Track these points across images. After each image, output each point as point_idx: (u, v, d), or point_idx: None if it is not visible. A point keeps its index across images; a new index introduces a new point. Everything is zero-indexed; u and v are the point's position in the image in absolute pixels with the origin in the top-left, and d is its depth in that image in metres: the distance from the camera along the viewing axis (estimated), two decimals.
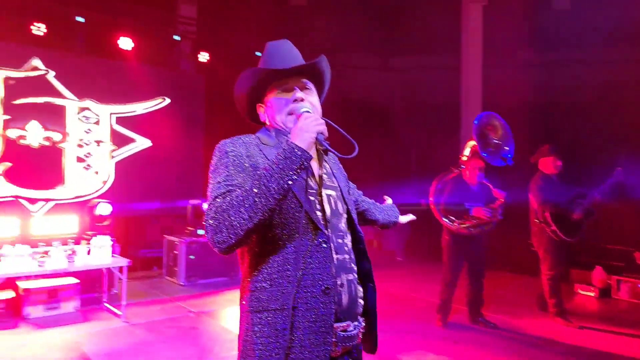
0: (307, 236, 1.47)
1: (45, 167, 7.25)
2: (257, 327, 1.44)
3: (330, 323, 1.43)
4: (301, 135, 1.42)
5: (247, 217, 1.35)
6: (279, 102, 1.61)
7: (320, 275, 1.45)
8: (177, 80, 8.47)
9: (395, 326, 4.99)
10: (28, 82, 7.12)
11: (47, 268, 4.65)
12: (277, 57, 1.63)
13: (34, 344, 4.39)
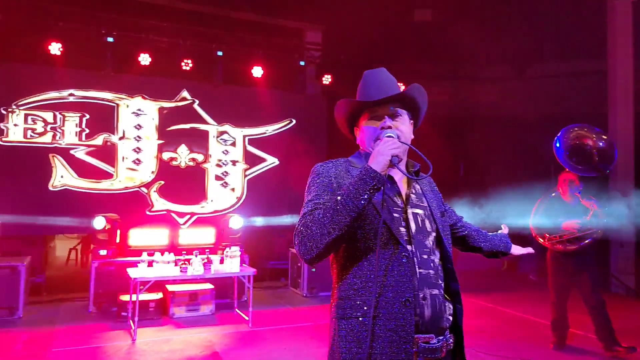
0: (388, 250, 1.56)
1: (191, 185, 8.26)
2: (342, 332, 1.55)
3: (411, 333, 1.49)
4: (377, 158, 1.54)
5: (325, 232, 1.50)
6: (368, 129, 1.74)
7: (400, 288, 1.53)
8: (302, 102, 9.05)
9: (515, 352, 4.73)
10: (178, 111, 8.23)
11: (187, 274, 5.30)
12: (372, 86, 1.76)
13: (176, 339, 5.05)
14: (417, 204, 1.71)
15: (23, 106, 7.23)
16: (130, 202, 7.77)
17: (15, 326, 5.44)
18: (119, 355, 4.53)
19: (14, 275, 5.71)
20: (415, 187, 1.77)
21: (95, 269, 6.10)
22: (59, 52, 7.11)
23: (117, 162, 7.79)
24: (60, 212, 7.33)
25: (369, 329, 1.49)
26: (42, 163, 7.32)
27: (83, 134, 7.58)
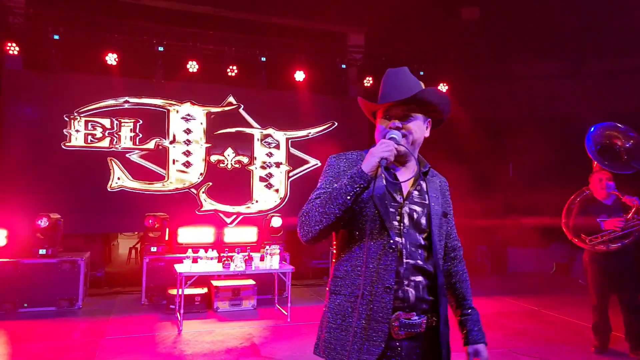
0: (379, 240, 1.72)
1: (237, 186, 8.59)
2: (331, 305, 1.77)
3: (388, 315, 1.66)
4: (368, 159, 1.68)
5: (318, 220, 1.70)
6: (379, 127, 1.87)
7: (384, 275, 1.69)
8: (343, 105, 9.17)
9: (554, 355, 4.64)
10: (224, 116, 8.59)
11: (230, 270, 5.57)
12: (390, 86, 1.86)
13: (218, 331, 5.32)
14: (417, 201, 1.82)
15: (83, 113, 7.82)
16: (181, 202, 8.20)
17: (74, 316, 5.92)
18: (165, 344, 4.85)
19: (74, 269, 6.20)
20: (421, 185, 1.86)
21: (146, 264, 6.51)
22: (114, 62, 7.62)
23: (168, 164, 8.25)
24: (117, 211, 7.86)
25: (354, 306, 1.68)
26: (101, 166, 7.87)
27: (137, 138, 8.08)
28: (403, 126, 1.79)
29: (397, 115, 1.81)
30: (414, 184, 1.84)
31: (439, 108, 1.87)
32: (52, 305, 6.10)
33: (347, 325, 1.69)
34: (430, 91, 1.82)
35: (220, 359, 4.47)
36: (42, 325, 5.47)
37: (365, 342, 1.65)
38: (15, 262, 6.00)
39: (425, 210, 1.82)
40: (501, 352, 4.80)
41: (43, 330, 5.30)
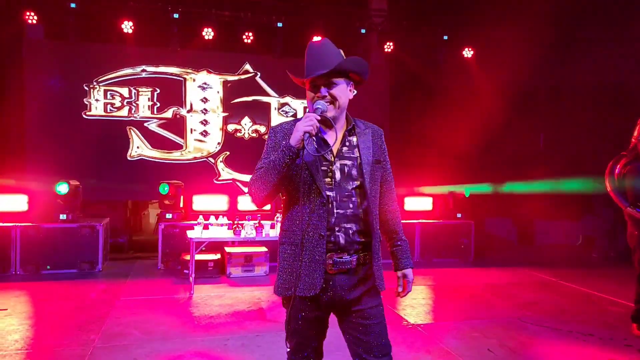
0: (312, 197, 2.01)
1: (254, 155, 8.57)
2: (282, 254, 2.10)
3: (323, 256, 1.99)
4: (294, 134, 1.94)
5: (262, 188, 2.01)
6: (308, 95, 2.12)
7: (318, 225, 2.00)
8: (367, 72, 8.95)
9: (565, 324, 4.53)
10: (241, 84, 8.54)
11: (241, 236, 5.62)
12: (314, 59, 2.06)
13: (228, 296, 5.42)
14: (347, 156, 2.09)
15: (102, 82, 7.92)
16: (199, 171, 8.29)
17: (94, 278, 6.14)
18: (174, 306, 4.97)
19: (93, 234, 6.39)
20: (351, 141, 2.12)
21: (161, 231, 6.64)
22: (130, 30, 7.64)
23: (186, 133, 8.31)
24: (136, 180, 8.01)
25: (297, 252, 2.01)
26: (121, 135, 8.00)
27: (155, 107, 8.15)
28: (329, 93, 2.03)
29: (322, 84, 2.04)
30: (342, 141, 2.09)
31: (357, 72, 2.11)
32: (74, 268, 6.33)
33: (292, 268, 2.02)
34: (347, 61, 2.06)
35: (225, 321, 4.55)
36: (63, 286, 5.69)
37: (307, 278, 1.99)
38: (37, 227, 6.22)
39: (355, 162, 2.08)
40: (508, 320, 4.73)
41: (63, 290, 5.52)
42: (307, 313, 2.04)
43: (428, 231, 7.55)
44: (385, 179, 2.20)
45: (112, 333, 4.18)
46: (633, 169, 4.18)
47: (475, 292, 5.83)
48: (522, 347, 4.04)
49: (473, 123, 8.06)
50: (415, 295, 5.66)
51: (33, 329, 4.30)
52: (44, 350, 3.81)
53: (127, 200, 8.90)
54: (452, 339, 4.18)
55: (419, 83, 8.97)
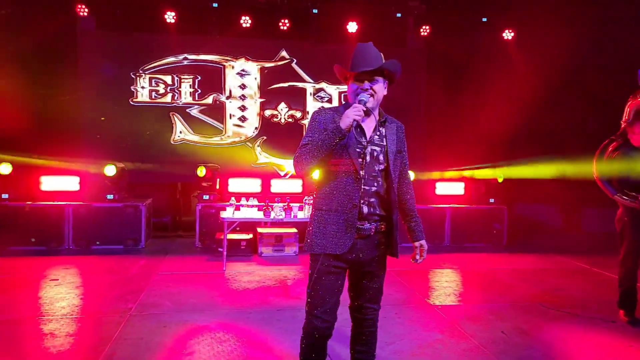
0: (348, 173, 2.41)
1: (290, 140, 8.81)
2: (317, 218, 2.47)
3: (355, 221, 2.40)
4: (344, 120, 2.31)
5: (310, 161, 2.36)
6: (352, 86, 2.48)
7: (352, 196, 2.40)
8: (398, 56, 8.83)
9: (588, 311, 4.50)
10: (277, 70, 8.76)
11: (270, 217, 5.88)
12: (361, 57, 2.45)
13: (257, 273, 5.72)
14: (377, 143, 2.50)
15: (147, 70, 8.35)
16: (238, 155, 8.62)
17: (137, 254, 6.62)
18: (206, 281, 5.32)
19: (136, 213, 6.87)
20: (380, 131, 2.52)
21: (199, 211, 7.04)
22: (173, 20, 8.00)
23: (225, 119, 8.65)
24: (179, 163, 8.42)
25: (331, 216, 2.41)
26: (165, 120, 8.44)
27: (196, 94, 8.52)
28: (371, 87, 2.42)
29: (366, 79, 2.42)
30: (374, 130, 2.50)
31: (393, 73, 2.51)
32: (120, 244, 6.84)
33: (326, 230, 2.41)
34: (388, 63, 2.47)
35: (251, 296, 4.84)
36: (109, 261, 6.19)
37: (339, 239, 2.38)
38: (87, 205, 6.76)
39: (383, 149, 2.50)
40: (530, 305, 4.75)
41: (108, 264, 6.01)
42: (332, 269, 2.41)
43: (459, 216, 7.55)
44: (404, 166, 2.62)
45: (147, 303, 4.55)
46: (621, 154, 4.10)
47: (501, 277, 5.84)
48: (537, 330, 4.07)
49: (513, 107, 7.89)
50: (439, 278, 5.74)
51: (79, 298, 4.75)
52: (86, 316, 4.23)
53: (177, 183, 9.31)
54: (467, 321, 4.26)
55: (456, 67, 8.84)
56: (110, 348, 3.52)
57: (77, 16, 7.83)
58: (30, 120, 7.19)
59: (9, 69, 6.97)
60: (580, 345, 3.81)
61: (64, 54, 8.00)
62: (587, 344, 3.83)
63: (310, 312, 2.45)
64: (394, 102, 8.45)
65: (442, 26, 8.78)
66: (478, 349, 3.67)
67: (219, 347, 3.57)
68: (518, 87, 8.12)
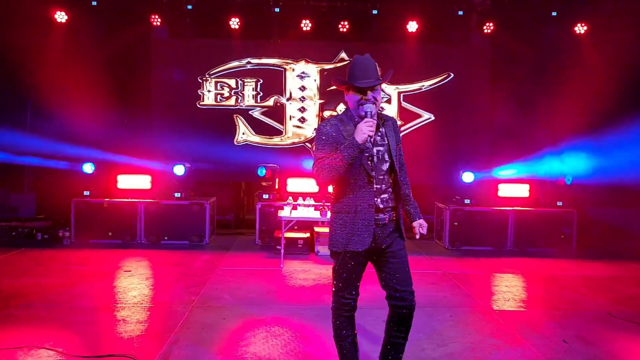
0: (360, 176, 2.64)
1: None
2: (336, 220, 2.71)
3: (372, 219, 2.64)
4: (359, 135, 2.50)
5: (333, 175, 2.58)
6: (354, 98, 2.66)
7: (366, 197, 2.64)
8: (461, 54, 8.77)
9: None
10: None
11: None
12: (361, 70, 2.65)
13: (312, 271, 5.86)
14: (380, 143, 2.71)
15: (213, 75, 8.76)
16: (297, 155, 8.83)
17: (201, 249, 6.99)
18: (264, 277, 5.54)
19: (201, 210, 7.25)
20: (381, 131, 2.73)
21: (259, 209, 7.30)
22: (237, 26, 8.34)
23: (286, 120, 8.89)
24: (242, 163, 8.76)
25: (347, 218, 2.65)
26: (228, 122, 8.82)
27: (258, 96, 8.82)
28: (373, 97, 2.63)
29: (370, 91, 2.64)
30: (376, 131, 2.66)
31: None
32: (186, 240, 7.25)
33: (346, 229, 2.64)
34: (388, 73, 2.80)
35: (306, 293, 4.98)
36: (175, 255, 6.59)
37: (359, 237, 2.62)
38: (157, 203, 7.22)
39: (386, 147, 2.72)
40: (596, 314, 4.53)
41: (175, 258, 6.40)
42: (354, 262, 2.67)
43: (523, 219, 7.26)
44: (400, 157, 2.82)
45: (209, 296, 4.82)
46: None
47: (568, 284, 5.58)
48: (601, 340, 3.89)
49: (586, 105, 7.49)
50: (498, 282, 5.60)
51: (148, 288, 5.12)
52: (155, 305, 4.56)
53: (242, 182, 9.68)
54: (526, 327, 4.14)
55: (523, 64, 8.52)
56: (174, 335, 3.78)
57: (151, 25, 8.36)
58: (108, 123, 7.80)
59: (91, 76, 7.58)
60: None
61: (138, 60, 8.57)
62: None
63: (336, 294, 2.75)
64: (458, 99, 8.49)
65: (508, 22, 8.49)
66: (536, 356, 3.57)
67: (273, 341, 3.73)
68: (592, 84, 7.68)
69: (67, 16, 7.89)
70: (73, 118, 7.56)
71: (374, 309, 4.24)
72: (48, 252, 6.50)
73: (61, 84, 7.54)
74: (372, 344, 3.64)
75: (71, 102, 7.60)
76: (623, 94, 7.59)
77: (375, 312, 4.23)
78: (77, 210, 7.09)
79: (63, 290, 4.88)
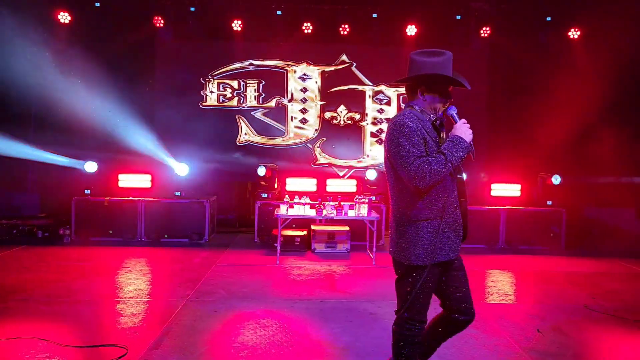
0: (450, 179, 2.45)
1: (349, 141, 9.01)
2: (421, 228, 2.40)
3: (459, 222, 2.48)
4: (467, 136, 2.42)
5: (438, 178, 2.34)
6: (442, 95, 2.49)
7: (451, 198, 2.45)
8: (459, 58, 8.71)
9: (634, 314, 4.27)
10: (337, 74, 8.98)
11: (322, 215, 6.10)
12: (447, 68, 2.46)
13: (307, 267, 5.95)
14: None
15: (216, 76, 8.91)
16: (298, 155, 8.95)
17: (200, 247, 7.10)
18: (259, 273, 5.64)
19: (201, 209, 7.36)
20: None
21: (257, 208, 7.41)
22: (239, 28, 8.49)
23: (287, 121, 9.00)
24: (244, 163, 8.88)
25: (439, 224, 2.40)
26: (231, 123, 8.94)
27: (260, 97, 8.95)
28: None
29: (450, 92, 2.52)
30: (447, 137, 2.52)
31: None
32: (185, 238, 7.36)
33: (437, 237, 2.39)
34: (465, 81, 2.54)
35: (298, 288, 5.07)
36: (175, 252, 6.71)
37: (450, 244, 2.43)
38: (157, 201, 7.35)
39: None
40: (574, 306, 4.67)
41: (174, 255, 6.52)
42: (435, 277, 2.43)
43: (515, 218, 7.35)
44: None
45: (203, 291, 4.93)
46: None
47: (553, 279, 5.70)
48: (575, 331, 3.99)
49: (579, 108, 7.56)
50: (486, 278, 5.66)
51: (145, 283, 5.23)
52: (150, 299, 4.67)
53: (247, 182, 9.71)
54: (506, 319, 4.23)
55: (519, 67, 8.58)
56: (166, 327, 3.89)
57: (155, 27, 8.51)
58: (111, 123, 7.95)
59: (93, 77, 7.74)
60: (615, 348, 3.71)
61: (142, 61, 8.73)
62: (623, 347, 3.70)
63: (410, 320, 2.45)
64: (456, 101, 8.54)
65: (505, 26, 8.56)
66: (509, 343, 3.69)
67: (261, 332, 3.82)
68: (585, 88, 7.76)
69: (70, 17, 8.08)
70: (77, 118, 7.72)
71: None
72: (48, 250, 6.63)
73: (65, 84, 7.71)
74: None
75: (75, 103, 7.76)
76: (614, 97, 7.71)
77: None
78: (78, 209, 7.23)
79: (62, 286, 5.00)
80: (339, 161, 9.02)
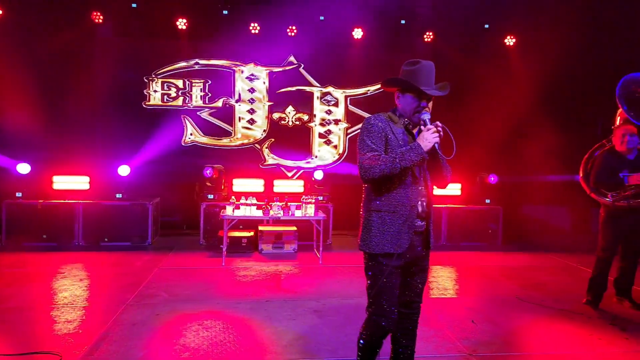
0: (406, 176, 2.53)
1: (298, 142, 9.02)
2: (374, 219, 2.52)
3: (413, 221, 2.52)
4: (425, 143, 2.43)
5: (385, 174, 2.43)
6: (414, 101, 2.58)
7: (409, 197, 2.53)
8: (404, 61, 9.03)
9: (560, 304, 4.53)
10: (285, 75, 8.97)
11: (269, 215, 6.06)
12: (427, 77, 2.58)
13: (253, 268, 5.90)
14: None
15: (160, 75, 8.67)
16: (247, 156, 8.85)
17: (142, 250, 6.88)
18: (203, 275, 5.53)
19: (144, 211, 7.13)
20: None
21: (203, 210, 7.26)
22: (184, 27, 8.30)
23: (235, 122, 8.89)
24: (189, 164, 8.66)
25: (387, 217, 2.50)
26: (176, 123, 8.72)
27: (207, 97, 8.79)
28: (427, 105, 2.60)
29: (427, 100, 2.60)
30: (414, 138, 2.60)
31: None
32: (127, 241, 7.10)
33: (386, 230, 2.49)
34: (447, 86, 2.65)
35: (243, 289, 5.02)
36: (115, 256, 6.45)
37: (398, 239, 2.48)
38: (96, 204, 7.05)
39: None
40: (507, 298, 4.92)
41: (115, 259, 6.27)
42: (393, 269, 2.50)
43: (456, 216, 7.67)
44: None
45: (144, 294, 4.77)
46: (600, 156, 4.42)
47: (489, 273, 5.98)
48: (505, 320, 4.24)
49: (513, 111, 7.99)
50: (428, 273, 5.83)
51: (82, 289, 4.99)
52: (87, 305, 4.46)
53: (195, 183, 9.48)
54: (443, 312, 4.40)
55: (459, 72, 8.90)
56: (104, 332, 3.73)
57: (94, 23, 8.18)
58: (46, 123, 7.55)
59: (27, 74, 7.34)
60: (542, 334, 3.93)
61: (81, 59, 8.34)
62: (549, 333, 3.94)
63: (376, 313, 2.52)
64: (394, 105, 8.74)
65: (447, 32, 8.87)
66: (447, 335, 3.85)
67: (204, 333, 3.74)
68: (520, 92, 8.21)
69: (1, 11, 7.63)
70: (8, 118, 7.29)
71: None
72: None
73: None
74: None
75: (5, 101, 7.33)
76: (546, 100, 8.21)
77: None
78: (9, 213, 6.82)
79: None
80: (288, 162, 9.00)
